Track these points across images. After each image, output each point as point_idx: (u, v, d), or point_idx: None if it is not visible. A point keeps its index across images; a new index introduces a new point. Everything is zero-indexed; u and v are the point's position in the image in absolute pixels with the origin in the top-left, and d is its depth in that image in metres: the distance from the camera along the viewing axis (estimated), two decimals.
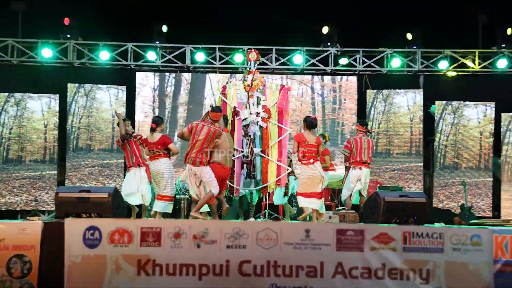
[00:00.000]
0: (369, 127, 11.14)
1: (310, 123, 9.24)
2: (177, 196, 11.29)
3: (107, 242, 6.07)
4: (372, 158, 10.36)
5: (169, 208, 9.38)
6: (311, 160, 9.03)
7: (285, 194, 10.17)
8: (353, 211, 9.21)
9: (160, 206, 9.26)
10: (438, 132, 13.65)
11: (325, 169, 10.35)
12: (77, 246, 6.09)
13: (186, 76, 14.76)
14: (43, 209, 12.94)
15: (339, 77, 14.84)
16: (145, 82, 14.64)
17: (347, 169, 10.04)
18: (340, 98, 14.81)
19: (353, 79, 14.73)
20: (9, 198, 13.14)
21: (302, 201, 9.26)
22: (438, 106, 13.71)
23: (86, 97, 13.62)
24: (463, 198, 12.52)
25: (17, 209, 13.00)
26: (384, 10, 14.77)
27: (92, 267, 6.03)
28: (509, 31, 14.30)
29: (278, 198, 10.32)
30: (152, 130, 9.45)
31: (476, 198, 13.32)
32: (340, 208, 10.23)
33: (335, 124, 14.68)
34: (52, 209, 11.84)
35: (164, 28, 14.09)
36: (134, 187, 9.35)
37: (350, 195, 9.95)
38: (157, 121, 9.58)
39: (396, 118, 13.91)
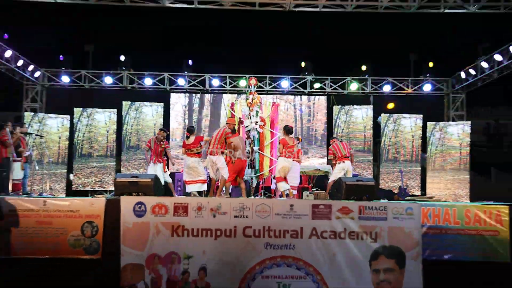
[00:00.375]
0: (334, 134, 11.07)
1: (288, 130, 9.12)
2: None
3: (150, 213, 6.06)
4: (350, 153, 10.11)
5: (202, 188, 9.29)
6: (289, 155, 8.94)
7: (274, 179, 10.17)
8: (324, 191, 9.15)
9: (197, 186, 9.19)
10: (383, 136, 13.64)
11: (299, 162, 10.28)
12: (129, 216, 6.09)
13: (208, 96, 14.72)
14: (106, 189, 12.92)
15: (312, 97, 14.85)
16: (178, 101, 14.62)
17: (334, 165, 9.86)
18: (313, 112, 14.84)
19: (323, 99, 14.74)
20: (82, 181, 13.17)
21: (277, 185, 9.06)
22: (383, 117, 13.71)
23: (136, 111, 13.61)
24: (400, 182, 12.52)
25: (88, 189, 13.00)
26: (346, 50, 14.84)
27: (139, 230, 6.02)
28: (431, 64, 14.45)
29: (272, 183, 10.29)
30: (187, 137, 9.33)
31: (409, 182, 13.32)
32: (315, 189, 10.17)
33: (310, 130, 14.70)
34: (112, 189, 11.84)
35: (190, 62, 14.21)
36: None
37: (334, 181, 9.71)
38: (190, 130, 9.45)
39: (354, 126, 13.90)
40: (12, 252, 7.52)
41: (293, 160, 9.15)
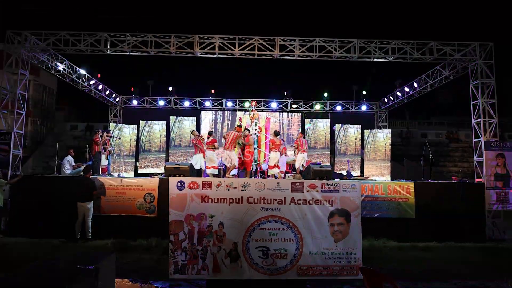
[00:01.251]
0: (306, 137, 10.97)
1: (276, 133, 9.13)
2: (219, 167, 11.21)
3: (187, 188, 5.99)
4: (307, 148, 10.07)
5: (215, 171, 9.20)
6: (274, 150, 8.91)
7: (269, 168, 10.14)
8: (298, 174, 9.10)
9: (212, 170, 9.12)
10: (337, 139, 13.58)
11: (285, 154, 10.27)
12: (174, 189, 6.01)
13: (226, 114, 14.65)
14: (159, 172, 12.89)
15: (291, 114, 14.81)
16: (206, 116, 14.49)
17: (296, 154, 9.85)
18: (290, 123, 14.81)
19: (297, 115, 14.68)
20: (145, 167, 13.09)
21: (271, 171, 9.11)
22: (337, 127, 13.64)
23: (178, 123, 13.52)
24: (348, 168, 12.43)
25: (148, 172, 12.95)
26: (313, 83, 14.81)
27: (180, 199, 5.94)
28: (364, 92, 14.48)
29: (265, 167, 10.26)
30: (208, 138, 9.29)
31: (354, 168, 13.25)
32: (293, 173, 10.12)
33: (288, 135, 14.63)
34: (163, 172, 11.81)
35: (213, 91, 14.17)
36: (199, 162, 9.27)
37: (300, 166, 9.66)
38: (210, 133, 9.42)
39: (319, 132, 13.84)
40: (101, 211, 7.52)
41: (281, 155, 9.14)
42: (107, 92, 13.22)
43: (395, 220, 8.00)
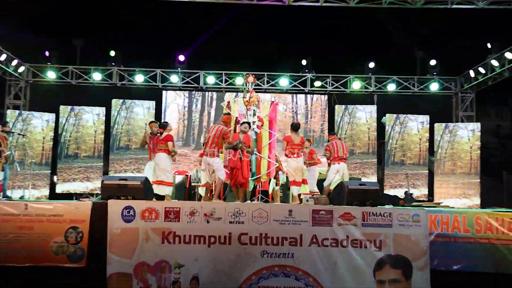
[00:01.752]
0: (338, 134, 11.03)
1: (294, 126, 9.11)
2: (193, 184, 11.19)
3: (139, 218, 5.98)
4: (347, 155, 10.11)
5: (164, 191, 8.81)
6: (295, 155, 8.89)
7: (277, 184, 10.11)
8: (325, 196, 9.08)
9: (161, 190, 8.90)
10: (388, 138, 13.57)
11: (314, 163, 10.30)
12: (117, 221, 6.00)
13: (212, 96, 14.65)
14: (92, 192, 12.82)
15: (310, 97, 14.82)
16: (173, 100, 14.62)
17: (329, 165, 9.88)
18: (311, 113, 14.83)
19: (321, 98, 14.69)
20: (67, 184, 13.06)
21: (294, 190, 9.09)
22: (388, 118, 13.65)
23: (126, 110, 13.51)
24: (407, 186, 12.45)
25: (73, 192, 12.89)
26: (348, 46, 14.80)
27: (128, 236, 5.93)
28: (432, 62, 14.40)
29: (271, 186, 10.24)
30: (158, 132, 9.19)
31: (416, 186, 13.27)
32: (315, 194, 10.09)
33: (306, 131, 14.65)
34: (99, 192, 11.74)
35: (182, 57, 14.14)
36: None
37: (330, 184, 9.71)
38: (162, 125, 9.20)
39: (358, 127, 13.84)
40: None
41: (310, 163, 9.13)
42: (3, 57, 13.07)
43: (491, 277, 7.87)
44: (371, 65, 14.45)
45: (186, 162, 13.92)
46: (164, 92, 14.57)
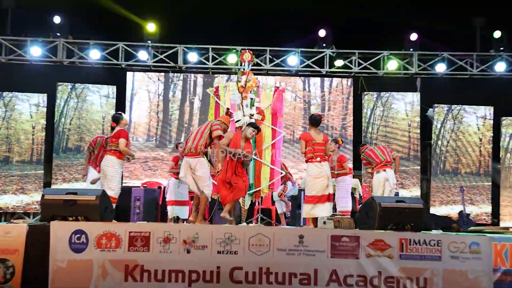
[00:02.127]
0: (367, 134, 10.91)
1: (314, 120, 9.09)
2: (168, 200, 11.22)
3: (94, 247, 5.98)
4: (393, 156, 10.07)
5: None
6: (318, 159, 8.87)
7: (280, 196, 10.13)
8: (349, 216, 9.11)
9: None
10: (437, 137, 13.57)
11: (344, 174, 10.37)
12: (63, 250, 6.00)
13: (197, 81, 14.68)
14: (29, 211, 12.81)
15: (327, 84, 14.81)
16: (142, 85, 14.62)
17: (371, 176, 9.84)
18: (329, 104, 14.80)
19: (345, 83, 14.70)
20: None
21: (308, 210, 9.03)
22: (437, 111, 13.65)
23: (77, 98, 13.53)
24: (462, 204, 12.46)
25: (1, 211, 12.87)
26: (381, 12, 14.76)
27: (77, 272, 5.94)
28: (497, 34, 14.36)
29: (275, 197, 10.25)
30: (112, 128, 9.16)
31: (475, 204, 13.27)
32: (335, 212, 10.09)
33: (323, 128, 14.67)
34: (38, 211, 11.73)
35: (152, 27, 14.07)
36: None
37: None
38: (115, 118, 9.25)
39: (394, 123, 13.85)
40: None
41: (338, 173, 9.16)
42: None
43: None
44: (413, 37, 14.46)
45: (164, 168, 13.79)
46: (129, 74, 14.58)
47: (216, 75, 14.71)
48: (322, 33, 14.46)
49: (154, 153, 13.95)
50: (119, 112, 9.71)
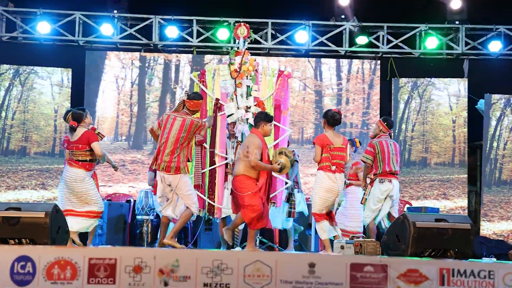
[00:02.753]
0: (401, 131, 10.97)
1: (333, 119, 9.13)
2: (139, 217, 11.28)
3: (43, 278, 6.02)
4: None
5: (88, 225, 9.12)
6: (334, 168, 8.90)
7: (291, 215, 10.16)
8: (374, 240, 9.16)
9: (79, 222, 9.03)
10: (491, 138, 13.63)
11: (358, 184, 10.52)
12: (3, 283, 6.04)
13: (172, 64, 14.76)
14: None
15: (345, 68, 14.87)
16: (109, 70, 14.78)
17: (370, 182, 9.87)
18: (347, 95, 14.85)
19: (362, 72, 14.76)
20: None
21: (318, 226, 9.15)
22: (489, 104, 13.70)
23: (21, 86, 13.56)
24: None
25: None
26: None
27: None
28: None
29: (280, 221, 10.29)
30: (72, 129, 9.20)
31: None
32: (358, 235, 10.15)
33: (338, 126, 14.74)
34: None
35: None
36: None
37: (375, 218, 9.71)
38: (76, 116, 9.31)
39: (434, 119, 13.90)
40: None
41: (351, 183, 9.24)
42: None
43: None
44: (456, 4, 14.45)
45: (141, 173, 13.84)
46: (88, 53, 14.67)
47: (202, 55, 14.73)
48: (342, 0, 14.44)
49: (128, 156, 13.99)
50: (82, 107, 9.76)
